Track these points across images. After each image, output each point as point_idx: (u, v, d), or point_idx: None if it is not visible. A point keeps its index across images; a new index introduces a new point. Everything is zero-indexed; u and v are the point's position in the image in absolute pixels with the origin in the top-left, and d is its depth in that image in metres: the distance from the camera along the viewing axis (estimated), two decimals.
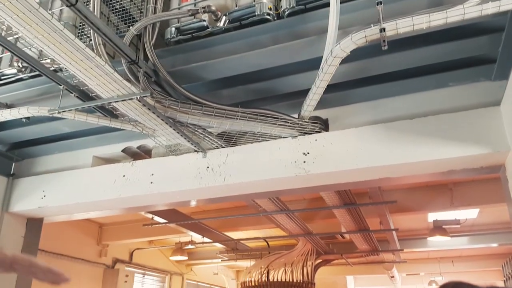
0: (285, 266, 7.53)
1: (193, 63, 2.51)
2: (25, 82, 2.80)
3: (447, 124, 2.49)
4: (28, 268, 0.75)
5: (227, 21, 2.42)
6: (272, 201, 5.09)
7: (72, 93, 2.51)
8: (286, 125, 2.71)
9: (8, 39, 2.27)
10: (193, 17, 2.43)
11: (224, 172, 2.97)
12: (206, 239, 7.49)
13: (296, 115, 2.72)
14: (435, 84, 2.59)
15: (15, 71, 2.75)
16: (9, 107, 2.87)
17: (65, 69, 2.18)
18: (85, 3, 2.00)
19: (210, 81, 2.66)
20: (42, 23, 1.76)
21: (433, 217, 6.59)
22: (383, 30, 1.85)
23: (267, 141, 2.92)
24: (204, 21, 2.43)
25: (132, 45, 2.44)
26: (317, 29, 2.30)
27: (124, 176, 3.24)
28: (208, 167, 3.03)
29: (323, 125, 2.81)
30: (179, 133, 2.70)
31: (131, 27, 2.41)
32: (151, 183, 3.13)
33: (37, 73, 2.51)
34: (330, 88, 2.34)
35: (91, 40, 2.38)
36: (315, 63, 2.25)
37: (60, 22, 2.02)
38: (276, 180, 2.86)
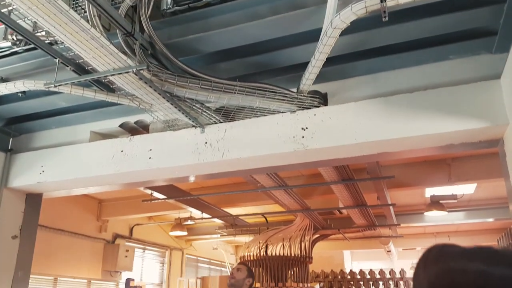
0: (283, 241, 7.63)
1: (189, 35, 2.47)
2: (20, 55, 2.75)
3: (446, 97, 2.48)
4: None
5: None
6: (270, 177, 5.11)
7: (67, 66, 2.47)
8: (284, 100, 2.69)
9: (1, 10, 2.22)
10: None
11: (222, 147, 2.97)
12: (205, 215, 7.56)
13: (294, 89, 2.70)
14: (435, 57, 2.56)
15: (9, 44, 2.71)
16: (4, 81, 2.83)
17: (60, 41, 2.14)
18: None
19: (207, 54, 2.62)
20: None
21: (431, 192, 6.63)
22: (383, 0, 1.81)
23: (265, 116, 2.90)
24: None
25: (127, 17, 2.39)
26: None
27: (122, 151, 3.23)
28: (206, 143, 3.02)
29: (322, 100, 2.79)
30: (176, 107, 2.68)
31: None
32: (150, 158, 3.13)
33: (32, 46, 2.47)
34: (329, 61, 2.31)
35: (86, 11, 2.33)
36: (314, 35, 2.22)
37: None
38: (274, 155, 2.86)
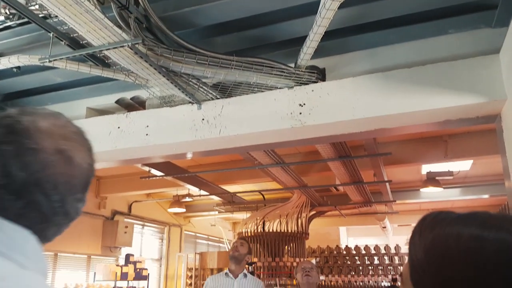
0: (280, 217, 7.72)
1: (185, 7, 2.42)
2: (14, 30, 2.70)
3: (445, 72, 2.46)
4: None
5: None
6: (267, 154, 5.12)
7: (62, 41, 2.43)
8: (282, 75, 2.67)
9: None
10: None
11: (219, 124, 2.96)
12: (203, 192, 7.61)
13: (292, 65, 2.67)
14: (435, 31, 2.53)
15: (2, 18, 2.65)
16: None
17: (54, 15, 2.10)
18: None
19: (203, 27, 2.58)
20: None
21: (427, 169, 6.68)
22: None
23: (262, 92, 2.88)
24: None
25: None
26: None
27: (119, 127, 3.22)
28: (203, 119, 3.01)
29: (320, 75, 2.76)
30: (172, 83, 2.66)
31: None
32: (147, 135, 3.13)
33: (25, 20, 2.41)
34: (327, 35, 2.28)
35: None
36: (312, 8, 2.18)
37: None
38: (271, 132, 2.86)
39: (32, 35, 2.69)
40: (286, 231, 7.59)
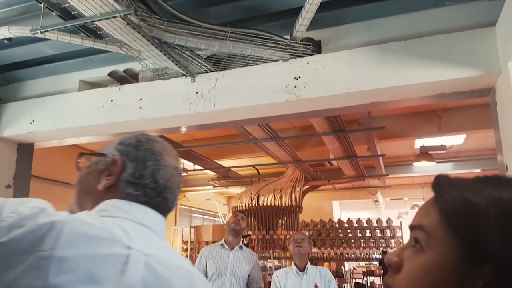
0: (274, 192, 7.80)
1: None
2: (4, 0, 2.63)
3: (440, 45, 2.45)
4: None
5: None
6: (262, 129, 5.13)
7: (53, 11, 2.37)
8: (277, 47, 2.64)
9: None
10: None
11: (213, 97, 2.94)
12: (197, 167, 7.64)
13: (287, 37, 2.64)
14: (432, 3, 2.50)
15: None
16: None
17: None
18: None
19: None
20: None
21: (420, 143, 6.73)
22: None
23: (257, 64, 2.85)
24: None
25: None
26: None
27: (112, 101, 3.19)
28: (197, 92, 2.99)
29: (316, 47, 2.74)
30: (166, 55, 2.62)
31: None
32: (140, 108, 3.10)
33: None
34: (323, 6, 2.25)
35: None
36: None
37: None
38: (266, 105, 2.85)
39: (22, 6, 2.62)
40: (280, 205, 7.69)
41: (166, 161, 1.00)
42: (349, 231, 9.98)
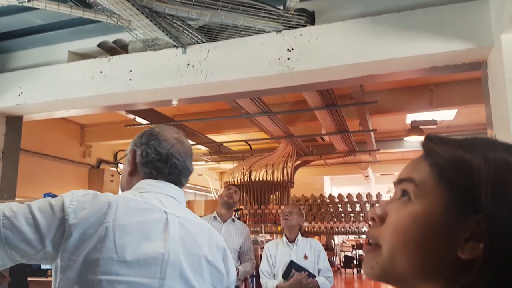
0: (266, 167, 7.84)
1: None
2: None
3: (433, 18, 2.43)
4: None
5: None
6: (254, 103, 5.10)
7: None
8: (270, 18, 2.59)
9: None
10: None
11: (205, 69, 2.90)
12: (189, 141, 7.62)
13: (281, 7, 2.59)
14: None
15: None
16: None
17: None
18: None
19: None
20: None
21: (412, 118, 6.77)
22: None
23: (250, 36, 2.81)
24: None
25: None
26: None
27: (101, 72, 3.14)
28: (188, 64, 2.95)
29: (309, 18, 2.70)
30: (156, 25, 2.57)
31: None
32: (130, 80, 3.06)
33: None
34: None
35: None
36: None
37: None
38: (259, 78, 2.82)
39: None
40: (272, 180, 7.74)
41: (164, 135, 1.23)
42: (339, 205, 10.13)
